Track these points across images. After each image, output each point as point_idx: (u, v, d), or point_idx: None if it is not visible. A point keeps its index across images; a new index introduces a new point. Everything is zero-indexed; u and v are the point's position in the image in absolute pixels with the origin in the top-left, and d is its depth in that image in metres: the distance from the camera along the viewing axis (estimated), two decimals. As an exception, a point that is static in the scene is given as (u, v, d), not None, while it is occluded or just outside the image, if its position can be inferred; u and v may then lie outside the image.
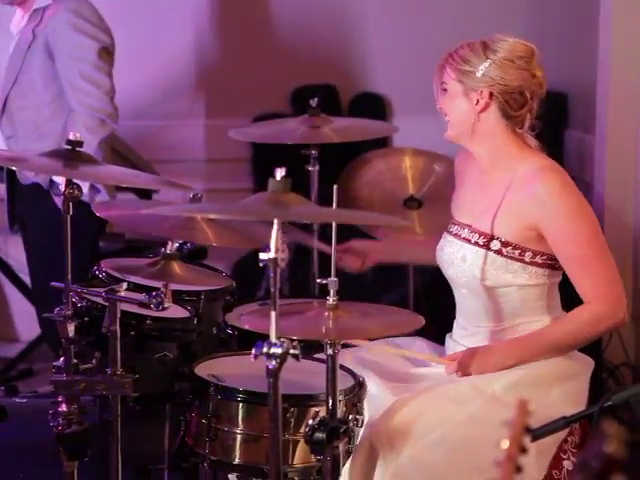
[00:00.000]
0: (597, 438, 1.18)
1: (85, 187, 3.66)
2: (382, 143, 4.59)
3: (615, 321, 2.67)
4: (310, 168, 3.72)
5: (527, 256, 2.68)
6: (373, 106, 5.06)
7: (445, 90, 2.72)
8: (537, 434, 1.81)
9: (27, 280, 4.58)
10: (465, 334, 2.79)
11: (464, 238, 2.75)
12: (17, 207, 4.01)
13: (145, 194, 4.34)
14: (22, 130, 3.84)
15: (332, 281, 2.47)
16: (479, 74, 2.66)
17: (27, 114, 3.83)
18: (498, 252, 2.68)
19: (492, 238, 2.69)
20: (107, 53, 3.80)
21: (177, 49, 4.98)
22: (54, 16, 3.77)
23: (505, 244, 2.68)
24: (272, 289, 2.09)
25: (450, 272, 2.79)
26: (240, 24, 5.06)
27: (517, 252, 2.68)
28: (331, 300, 2.46)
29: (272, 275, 2.08)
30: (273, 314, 2.08)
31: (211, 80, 5.07)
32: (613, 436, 1.16)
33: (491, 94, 2.67)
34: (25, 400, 3.08)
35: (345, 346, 2.64)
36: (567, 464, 2.64)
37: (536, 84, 2.69)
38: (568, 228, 2.63)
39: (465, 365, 2.68)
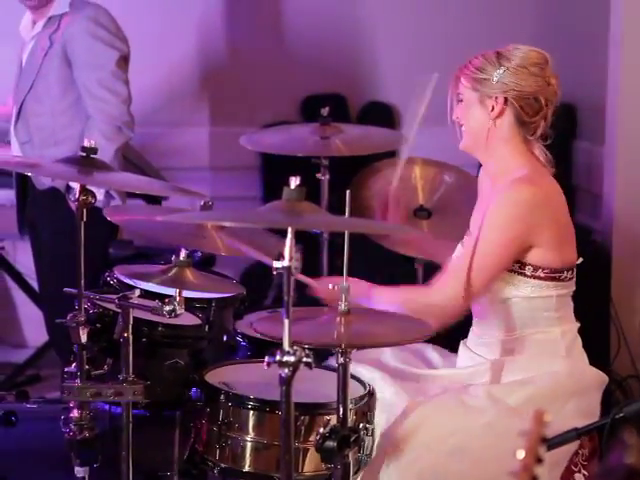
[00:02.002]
0: (617, 449, 1.18)
1: (100, 194, 3.69)
2: (392, 152, 4.60)
3: (443, 314, 2.67)
4: (321, 177, 3.73)
5: (528, 270, 2.68)
6: (382, 115, 5.07)
7: (461, 100, 2.74)
8: (551, 444, 1.81)
9: (35, 285, 4.59)
10: (479, 342, 2.80)
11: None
12: (29, 212, 4.01)
13: (154, 201, 4.35)
14: (38, 136, 3.85)
15: (344, 287, 2.47)
16: (494, 81, 2.69)
17: (43, 120, 3.85)
18: None
19: None
20: (124, 61, 3.83)
21: (184, 55, 4.99)
22: (72, 24, 3.79)
23: None
24: (285, 297, 2.10)
25: (461, 282, 2.81)
26: (249, 32, 5.07)
27: (517, 265, 2.69)
28: (342, 306, 2.46)
29: (285, 283, 2.08)
30: (286, 322, 2.08)
31: (218, 87, 5.08)
32: (634, 447, 1.16)
33: (506, 99, 2.69)
34: (36, 405, 3.08)
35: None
36: (578, 477, 2.64)
37: (551, 92, 2.71)
38: (487, 228, 2.66)
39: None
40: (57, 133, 3.83)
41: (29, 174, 3.79)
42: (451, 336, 2.89)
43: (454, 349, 2.92)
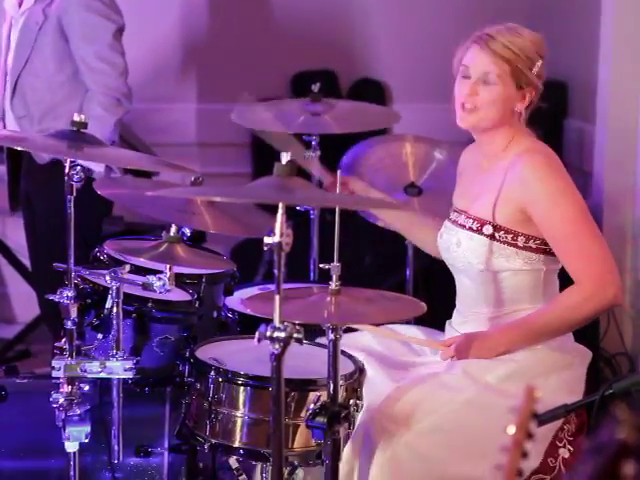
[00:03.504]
0: (608, 424, 1.19)
1: (101, 166, 3.69)
2: (382, 129, 4.59)
3: (605, 300, 2.63)
4: (311, 153, 3.72)
5: (520, 241, 2.68)
6: (373, 92, 5.06)
7: (489, 83, 2.67)
8: (541, 420, 1.82)
9: (25, 262, 4.58)
10: (462, 320, 2.80)
11: (460, 224, 2.77)
12: (25, 187, 3.99)
13: (145, 176, 4.33)
14: (36, 110, 3.85)
15: (335, 266, 2.47)
16: (534, 71, 2.68)
17: (40, 94, 3.84)
18: (491, 237, 2.69)
19: (485, 223, 2.70)
20: (120, 34, 3.83)
21: (169, 30, 4.95)
22: None
23: (498, 228, 2.69)
24: (276, 273, 2.09)
25: (447, 257, 2.81)
26: (237, 6, 5.02)
27: (510, 236, 2.68)
28: (333, 285, 2.46)
29: (276, 259, 2.08)
30: (277, 298, 2.08)
31: (206, 63, 5.05)
32: (625, 422, 1.16)
33: (537, 91, 2.70)
34: (25, 381, 3.08)
35: (348, 330, 2.64)
36: (563, 452, 2.65)
37: None
38: (552, 209, 2.63)
39: (460, 350, 2.69)
40: (56, 107, 3.83)
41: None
42: (437, 316, 2.89)
43: (440, 329, 2.92)
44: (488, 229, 2.70)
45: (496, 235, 2.69)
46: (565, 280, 2.73)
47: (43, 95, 3.84)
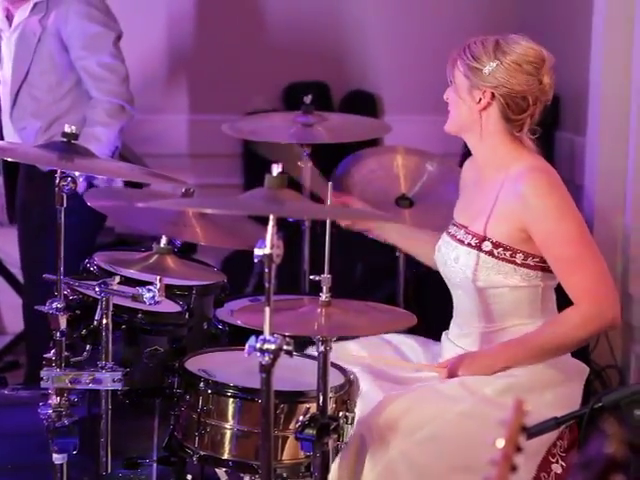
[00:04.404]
0: (597, 438, 1.19)
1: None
2: (373, 141, 4.60)
3: (603, 322, 2.64)
4: (303, 165, 3.72)
5: (518, 258, 2.68)
6: (365, 104, 5.06)
7: (453, 82, 2.73)
8: (531, 433, 1.81)
9: (15, 272, 4.57)
10: (460, 334, 2.79)
11: (459, 239, 2.76)
12: (23, 195, 3.96)
13: (136, 187, 4.33)
14: (42, 121, 3.83)
15: (325, 278, 2.47)
16: (485, 73, 2.67)
17: (45, 105, 3.83)
18: (489, 253, 2.69)
19: (484, 239, 2.70)
20: (118, 40, 3.84)
21: (159, 40, 4.94)
22: (62, 6, 3.76)
23: (496, 245, 2.68)
24: (267, 285, 2.09)
25: (445, 272, 2.80)
26: (228, 16, 5.02)
27: (508, 253, 2.68)
28: (324, 297, 2.46)
29: (267, 271, 2.08)
30: (267, 310, 2.07)
31: (198, 74, 5.05)
32: (613, 436, 1.16)
33: (493, 95, 2.68)
34: (14, 392, 3.07)
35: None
36: (556, 467, 2.64)
37: (542, 90, 2.69)
38: (554, 229, 2.63)
39: (454, 369, 2.69)
40: (62, 116, 3.82)
41: None
42: (428, 327, 2.89)
43: (436, 339, 2.92)
44: (487, 245, 2.69)
45: (495, 252, 2.68)
46: (562, 294, 2.73)
47: (48, 106, 3.83)
